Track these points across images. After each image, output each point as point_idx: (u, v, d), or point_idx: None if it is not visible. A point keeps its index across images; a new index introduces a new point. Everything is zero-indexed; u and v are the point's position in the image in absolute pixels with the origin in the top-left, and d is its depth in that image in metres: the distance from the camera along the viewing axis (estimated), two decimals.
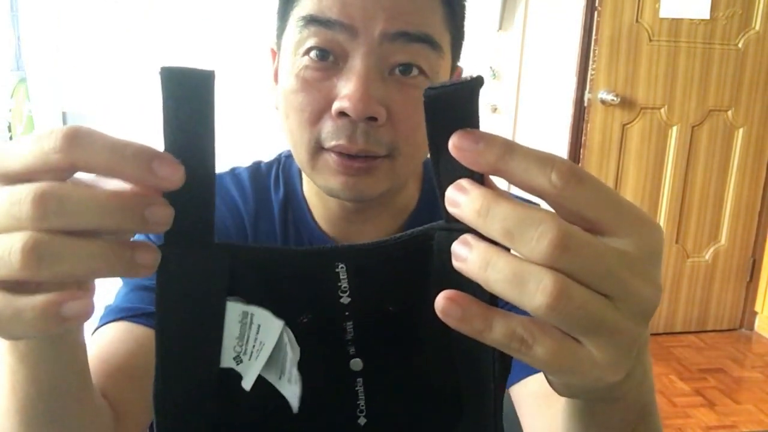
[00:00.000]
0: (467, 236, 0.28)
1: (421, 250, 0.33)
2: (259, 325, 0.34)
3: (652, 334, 2.90)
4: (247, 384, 0.35)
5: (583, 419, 0.38)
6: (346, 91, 0.53)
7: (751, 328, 3.00)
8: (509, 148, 0.27)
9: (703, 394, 2.43)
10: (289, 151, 0.66)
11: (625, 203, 0.28)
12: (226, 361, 0.35)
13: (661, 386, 2.47)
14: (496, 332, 0.27)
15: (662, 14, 2.59)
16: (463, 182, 0.28)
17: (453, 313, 0.28)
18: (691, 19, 2.62)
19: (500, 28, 2.65)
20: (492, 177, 0.30)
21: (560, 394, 0.33)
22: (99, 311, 0.65)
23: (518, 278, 0.26)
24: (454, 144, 0.28)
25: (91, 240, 0.27)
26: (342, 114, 0.54)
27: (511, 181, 0.28)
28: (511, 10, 2.65)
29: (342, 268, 0.34)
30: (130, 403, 0.54)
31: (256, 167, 0.73)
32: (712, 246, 2.91)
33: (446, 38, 0.58)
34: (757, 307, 2.96)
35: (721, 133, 2.78)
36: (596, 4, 2.56)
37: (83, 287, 0.31)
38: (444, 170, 0.30)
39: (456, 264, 0.28)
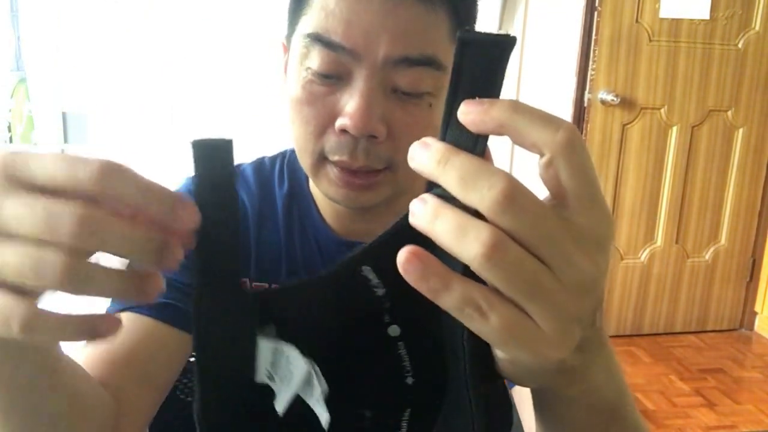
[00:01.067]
0: (425, 195, 0.29)
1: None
2: (288, 357, 0.37)
3: (653, 335, 2.91)
4: (280, 408, 0.38)
5: (548, 420, 0.40)
6: (349, 109, 0.54)
7: (751, 328, 3.00)
8: (515, 105, 0.29)
9: (703, 394, 2.43)
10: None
11: (598, 187, 0.30)
12: (260, 377, 0.38)
13: (661, 386, 2.48)
14: (453, 294, 0.28)
15: (662, 14, 2.59)
16: (427, 139, 0.30)
17: (413, 269, 0.28)
18: (691, 19, 2.62)
19: (500, 28, 2.65)
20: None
21: (507, 374, 0.34)
22: (105, 301, 0.66)
23: (460, 229, 0.27)
24: (462, 111, 0.29)
25: (117, 270, 0.30)
26: (344, 131, 0.55)
27: (516, 137, 0.29)
28: (511, 10, 2.65)
29: (368, 269, 0.36)
30: (133, 394, 0.55)
31: (260, 162, 0.74)
32: (712, 246, 2.91)
33: (452, 51, 0.58)
34: (757, 307, 2.97)
35: (721, 133, 2.78)
36: (596, 4, 2.56)
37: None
38: (451, 131, 0.30)
39: (411, 220, 0.29)
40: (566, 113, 2.70)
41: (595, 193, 0.29)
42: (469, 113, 0.29)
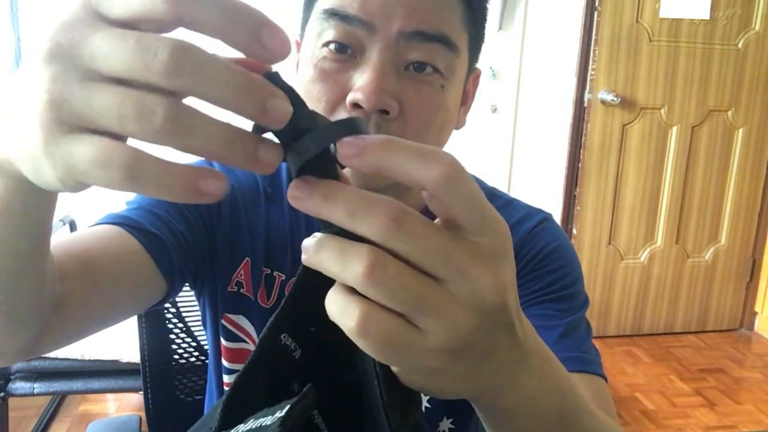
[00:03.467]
0: (316, 233, 0.29)
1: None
2: None
3: (653, 335, 2.91)
4: None
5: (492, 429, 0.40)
6: (361, 83, 0.55)
7: (751, 328, 3.00)
8: (388, 143, 0.28)
9: (703, 394, 2.43)
10: None
11: (488, 205, 0.30)
12: None
13: (661, 386, 2.48)
14: (334, 304, 0.29)
15: (662, 14, 2.60)
16: (302, 180, 0.29)
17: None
18: (691, 19, 2.62)
19: (500, 28, 2.65)
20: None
21: (406, 384, 0.33)
22: (99, 215, 0.64)
23: (342, 254, 0.28)
24: (341, 154, 0.28)
25: (222, 121, 0.26)
26: (356, 105, 0.55)
27: (395, 177, 0.28)
28: (511, 10, 2.65)
29: (285, 336, 0.35)
30: (78, 292, 0.52)
31: None
32: (712, 246, 2.91)
33: (464, 38, 0.60)
34: (757, 307, 2.97)
35: (721, 133, 2.78)
36: (596, 4, 2.56)
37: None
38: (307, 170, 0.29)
39: (302, 258, 0.29)
40: (566, 113, 2.70)
41: (484, 214, 0.29)
42: (345, 155, 0.28)
